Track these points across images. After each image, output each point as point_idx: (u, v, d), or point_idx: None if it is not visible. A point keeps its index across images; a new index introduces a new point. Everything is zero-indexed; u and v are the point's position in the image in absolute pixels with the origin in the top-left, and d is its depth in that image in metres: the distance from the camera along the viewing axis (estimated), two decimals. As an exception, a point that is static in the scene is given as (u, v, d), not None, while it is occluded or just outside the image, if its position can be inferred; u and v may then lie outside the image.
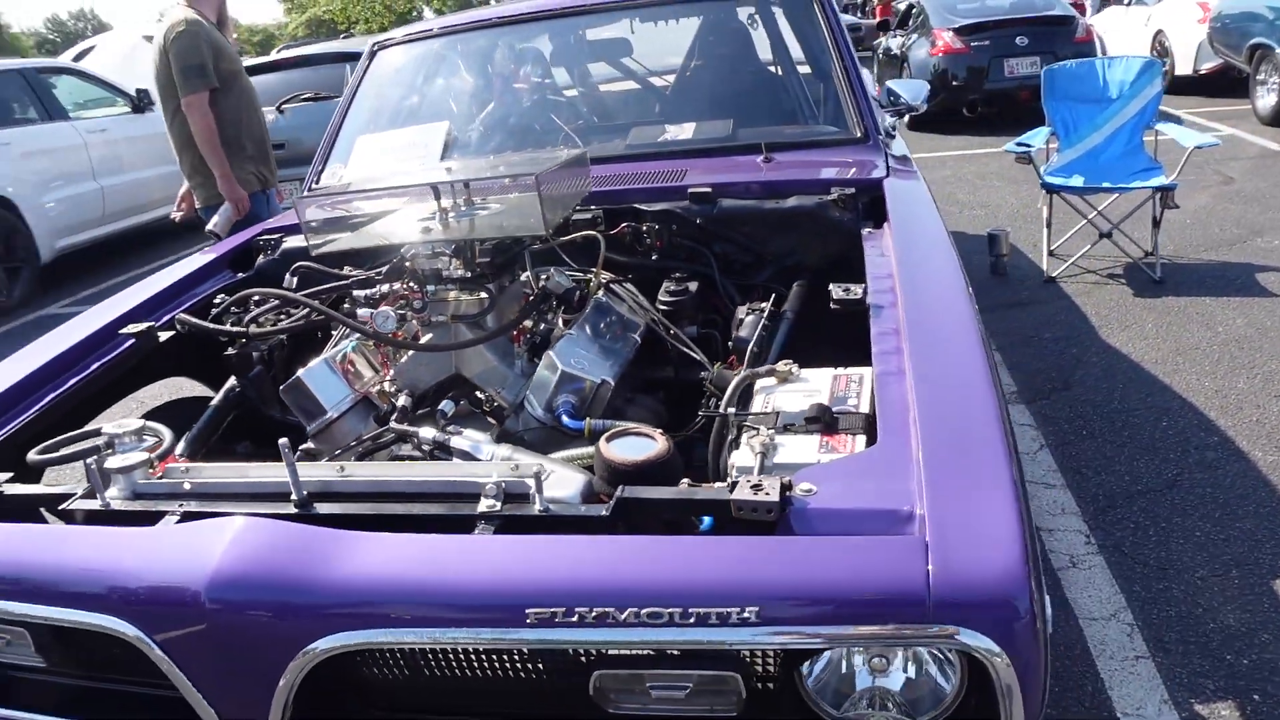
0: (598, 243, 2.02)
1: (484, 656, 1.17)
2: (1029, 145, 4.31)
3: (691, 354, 1.88)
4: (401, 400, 1.80)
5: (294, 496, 1.31)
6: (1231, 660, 1.98)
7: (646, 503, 1.21)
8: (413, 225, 1.83)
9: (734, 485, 1.16)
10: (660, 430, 1.38)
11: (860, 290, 1.73)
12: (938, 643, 0.99)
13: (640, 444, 1.35)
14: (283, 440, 1.30)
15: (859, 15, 18.61)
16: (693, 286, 2.07)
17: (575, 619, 1.04)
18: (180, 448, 1.87)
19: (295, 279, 2.15)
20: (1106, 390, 3.24)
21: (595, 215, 2.20)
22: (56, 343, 1.95)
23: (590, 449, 1.45)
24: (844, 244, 2.07)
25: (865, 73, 2.95)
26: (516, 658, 1.16)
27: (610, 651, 1.10)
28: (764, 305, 1.91)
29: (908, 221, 1.96)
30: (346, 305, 1.97)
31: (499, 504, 1.24)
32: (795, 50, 2.83)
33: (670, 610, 1.02)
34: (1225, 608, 2.13)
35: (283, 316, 1.99)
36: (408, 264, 1.87)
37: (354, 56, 5.76)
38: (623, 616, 1.03)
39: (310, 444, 1.82)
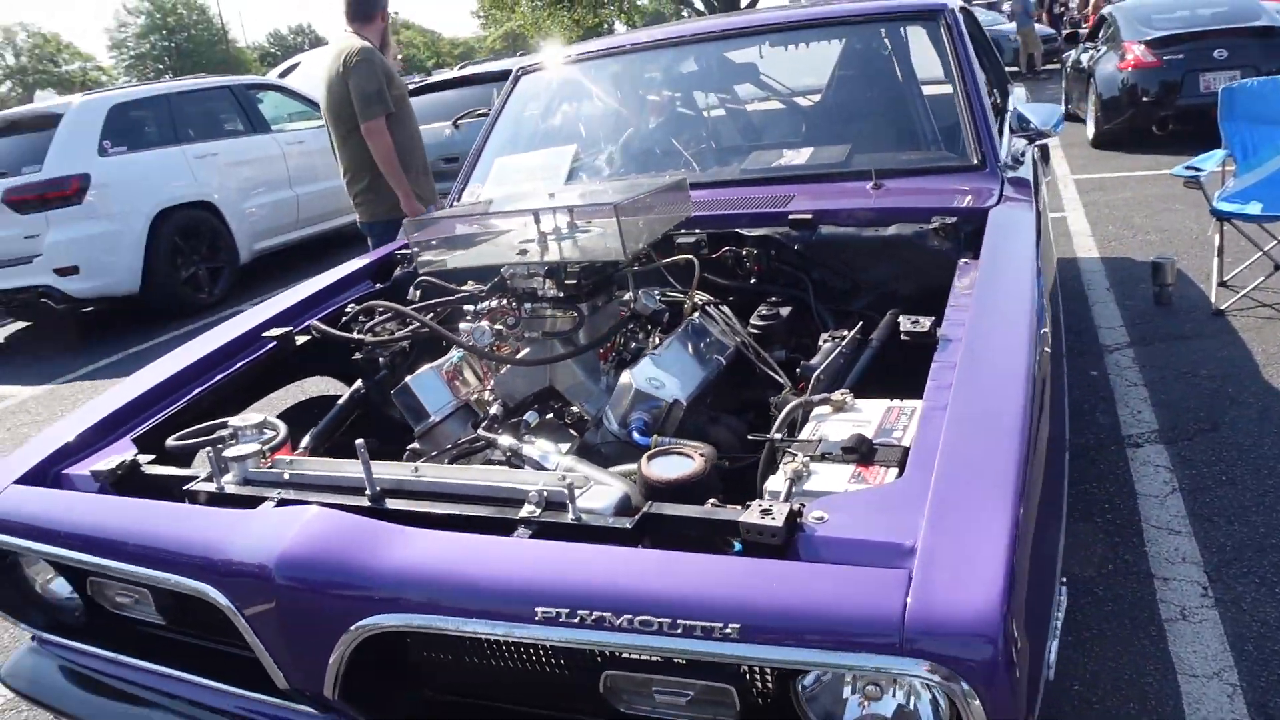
0: (696, 265, 2.11)
1: (510, 648, 1.28)
2: (1199, 169, 4.06)
3: (776, 377, 1.93)
4: (494, 408, 1.95)
5: (368, 492, 1.46)
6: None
7: (669, 519, 1.29)
8: (511, 247, 1.96)
9: (748, 508, 1.22)
10: (702, 451, 1.45)
11: (929, 323, 1.73)
12: (907, 675, 1.02)
13: (678, 463, 1.42)
14: (359, 441, 1.46)
15: (1063, 24, 17.57)
16: (784, 311, 2.12)
17: (577, 620, 1.13)
18: (306, 441, 2.09)
19: (418, 292, 2.35)
20: (1256, 435, 3.02)
21: (699, 239, 2.29)
22: (208, 343, 2.20)
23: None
24: (942, 274, 2.05)
25: (1008, 94, 2.91)
26: (535, 652, 1.26)
27: (622, 655, 1.19)
28: (845, 333, 1.94)
29: (998, 254, 1.94)
30: (465, 320, 2.12)
31: (539, 510, 1.35)
32: (924, 73, 2.81)
33: (660, 620, 1.09)
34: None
35: (400, 327, 2.18)
36: (508, 282, 2.01)
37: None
38: (618, 622, 1.11)
39: (416, 444, 2.00)
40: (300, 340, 2.26)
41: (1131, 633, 2.20)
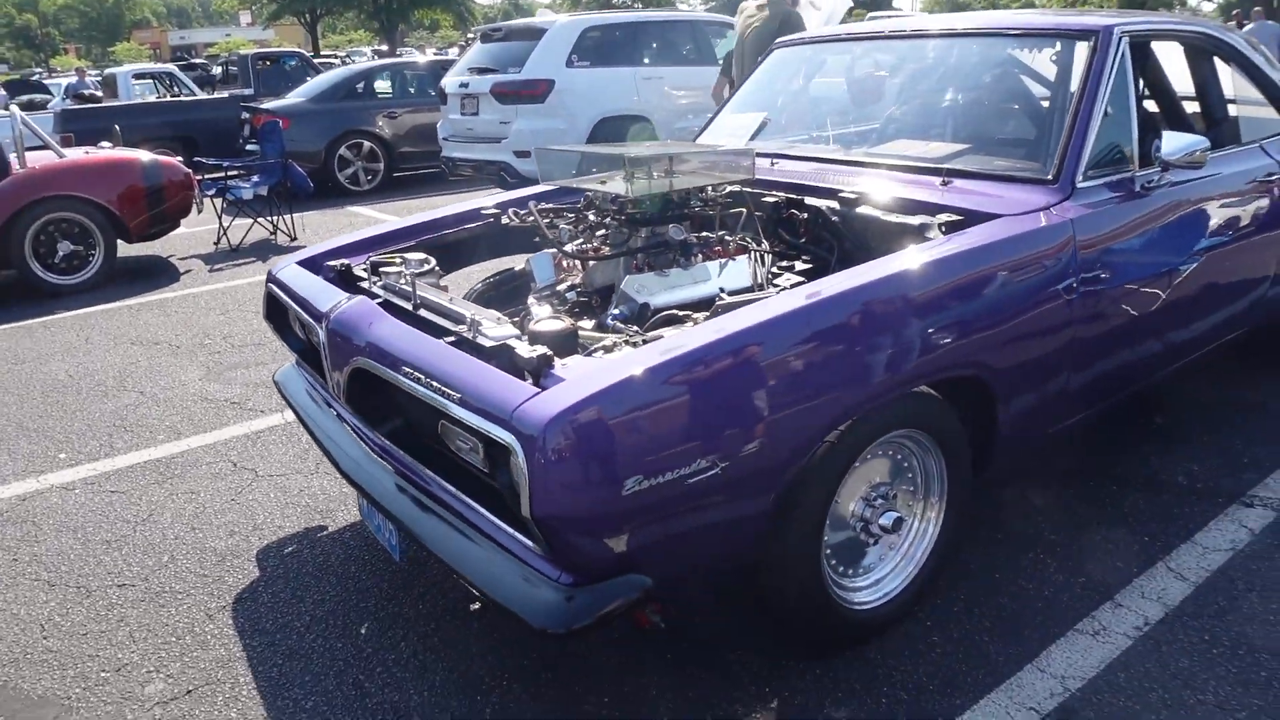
0: (743, 214, 2.70)
1: (409, 397, 2.13)
2: None
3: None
4: (563, 288, 2.75)
5: (412, 303, 2.37)
6: None
7: (504, 348, 2.01)
8: (604, 179, 2.72)
9: (535, 351, 1.92)
10: (575, 322, 2.14)
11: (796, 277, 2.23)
12: (505, 440, 1.70)
13: (552, 324, 2.13)
14: (411, 266, 2.39)
15: None
16: (799, 266, 2.63)
17: (413, 377, 1.97)
18: (478, 286, 3.09)
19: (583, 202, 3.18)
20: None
21: (778, 200, 2.85)
22: (448, 210, 3.24)
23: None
24: None
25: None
26: (416, 402, 2.09)
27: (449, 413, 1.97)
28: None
29: (936, 247, 2.28)
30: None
31: (465, 330, 2.15)
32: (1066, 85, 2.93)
33: (436, 384, 1.89)
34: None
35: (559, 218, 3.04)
36: (594, 203, 2.78)
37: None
38: (423, 380, 1.93)
39: (531, 299, 2.88)
40: (505, 222, 3.21)
41: (1033, 624, 2.42)
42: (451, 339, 2.13)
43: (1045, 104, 2.96)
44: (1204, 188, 2.94)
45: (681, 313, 2.28)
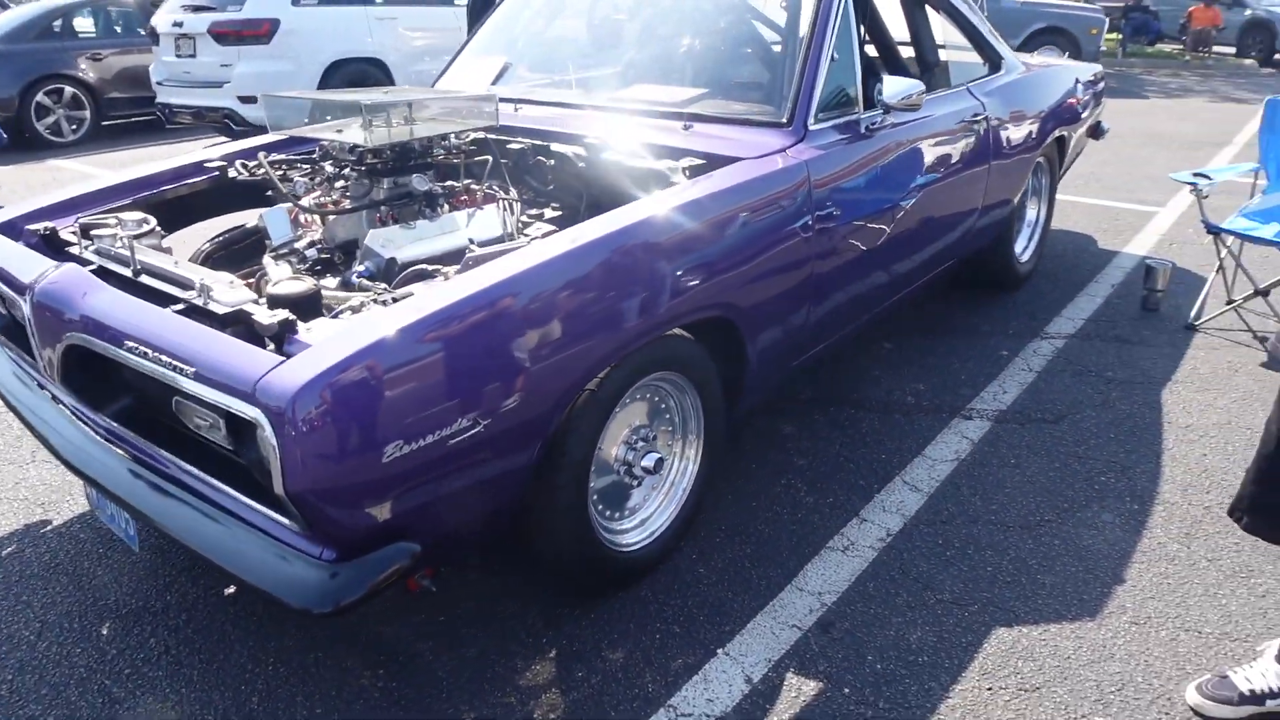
0: (488, 163, 2.63)
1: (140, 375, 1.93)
2: (1208, 179, 3.96)
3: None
4: (302, 245, 2.58)
5: (131, 268, 2.14)
6: (873, 662, 2.20)
7: (244, 314, 1.87)
8: (338, 127, 2.55)
9: (275, 315, 1.79)
10: (318, 282, 2.02)
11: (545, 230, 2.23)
12: (244, 413, 1.58)
13: (293, 285, 1.99)
14: (149, 231, 2.15)
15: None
16: (549, 214, 2.61)
17: (139, 352, 1.78)
18: (204, 246, 2.83)
19: (318, 152, 2.98)
20: (1086, 435, 3.17)
21: (524, 146, 2.79)
22: (168, 162, 2.94)
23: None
24: None
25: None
26: (140, 375, 1.90)
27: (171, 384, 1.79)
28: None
29: (687, 188, 2.33)
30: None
31: (195, 296, 1.96)
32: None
33: (167, 359, 1.72)
34: (925, 628, 2.29)
35: (285, 170, 2.83)
36: (330, 153, 2.62)
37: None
38: (152, 355, 1.75)
39: (267, 258, 2.67)
40: (232, 175, 2.95)
41: (789, 547, 2.59)
42: (180, 307, 1.95)
43: (777, 49, 3.08)
44: (921, 128, 3.18)
45: (431, 267, 2.20)
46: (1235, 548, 2.60)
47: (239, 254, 2.89)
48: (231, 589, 2.40)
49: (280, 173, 2.79)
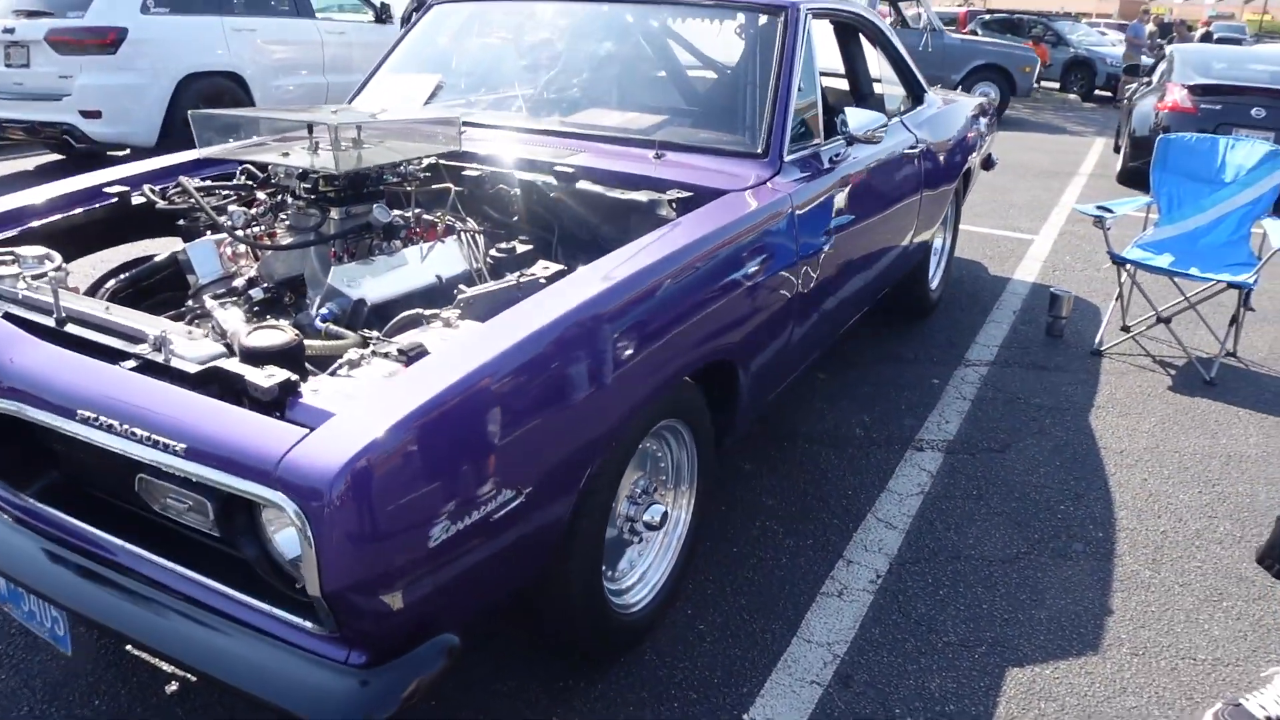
0: (450, 191, 2.39)
1: (84, 445, 1.60)
2: (1110, 211, 4.14)
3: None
4: (240, 283, 2.26)
5: (55, 316, 1.79)
6: (902, 715, 2.09)
7: (225, 373, 1.58)
8: (283, 149, 2.26)
9: (271, 376, 1.51)
10: (298, 332, 1.74)
11: (552, 271, 2.02)
12: (269, 500, 1.31)
13: (274, 335, 1.71)
14: (53, 273, 1.79)
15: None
16: (520, 248, 2.39)
17: (99, 424, 1.46)
18: (111, 284, 2.44)
19: (243, 175, 2.66)
20: (1034, 464, 3.21)
21: (481, 174, 2.56)
22: (63, 186, 2.53)
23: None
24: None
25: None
26: (91, 449, 1.58)
27: (147, 462, 1.49)
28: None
29: (679, 228, 2.17)
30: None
31: (149, 350, 1.66)
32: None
33: (139, 430, 1.41)
34: (943, 674, 2.21)
35: (212, 196, 2.49)
36: (272, 179, 2.32)
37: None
38: (121, 428, 1.43)
39: (191, 301, 2.33)
40: (136, 200, 2.58)
41: (783, 595, 2.46)
42: (132, 364, 1.63)
43: (735, 75, 2.97)
44: (871, 159, 3.15)
45: (428, 312, 1.95)
46: (1199, 570, 2.66)
47: (147, 292, 2.52)
48: (174, 687, 2.05)
49: (207, 200, 2.46)
